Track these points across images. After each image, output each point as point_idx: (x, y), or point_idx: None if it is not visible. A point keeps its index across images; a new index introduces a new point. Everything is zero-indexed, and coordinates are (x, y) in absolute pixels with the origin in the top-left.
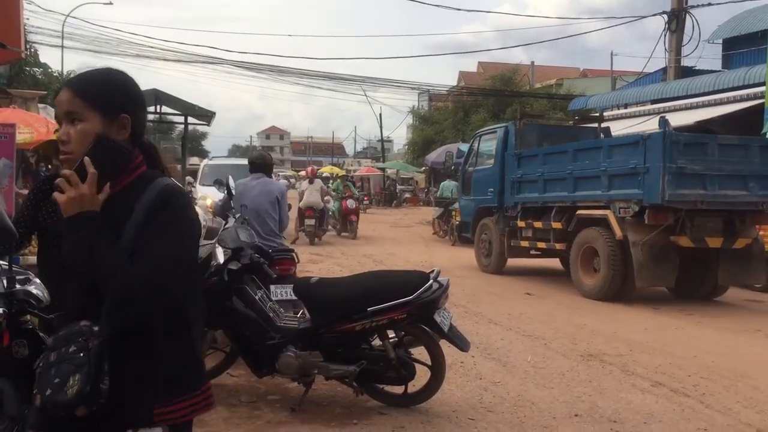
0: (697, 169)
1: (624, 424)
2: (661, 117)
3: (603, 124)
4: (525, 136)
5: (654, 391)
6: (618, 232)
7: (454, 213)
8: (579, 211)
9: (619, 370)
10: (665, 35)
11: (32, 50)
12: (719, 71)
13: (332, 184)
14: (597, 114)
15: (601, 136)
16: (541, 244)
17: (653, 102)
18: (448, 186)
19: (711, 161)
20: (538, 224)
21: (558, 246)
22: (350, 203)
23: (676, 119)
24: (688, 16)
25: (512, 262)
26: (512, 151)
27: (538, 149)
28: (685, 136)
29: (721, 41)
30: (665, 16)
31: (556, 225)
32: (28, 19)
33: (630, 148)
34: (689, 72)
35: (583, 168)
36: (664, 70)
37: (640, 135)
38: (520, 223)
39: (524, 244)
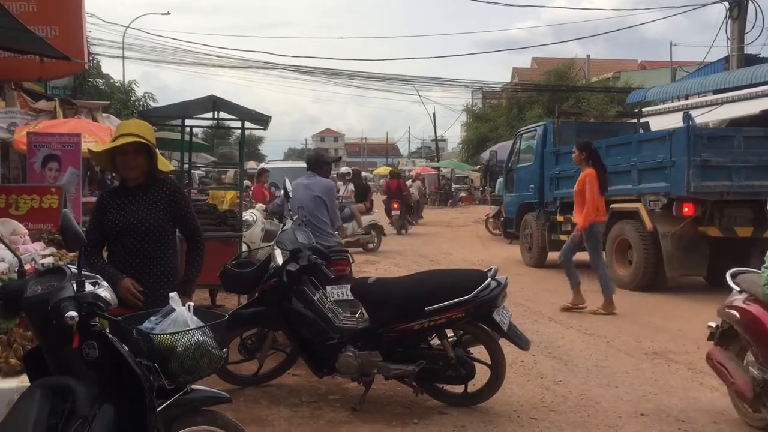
0: (722, 161)
1: (692, 423)
2: (684, 112)
3: (644, 119)
4: (563, 133)
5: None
6: (648, 224)
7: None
8: (612, 205)
9: (686, 368)
10: (727, 23)
11: (95, 62)
12: None
13: None
14: (637, 110)
15: (640, 131)
16: None
17: (715, 92)
18: (500, 183)
19: (736, 153)
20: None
21: None
22: None
23: (740, 109)
24: (750, 2)
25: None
26: (550, 148)
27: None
28: (709, 130)
29: None
30: (726, 3)
31: None
32: (90, 31)
33: (657, 143)
34: (753, 60)
35: (615, 163)
36: (727, 59)
37: (666, 130)
38: (559, 218)
39: (563, 238)
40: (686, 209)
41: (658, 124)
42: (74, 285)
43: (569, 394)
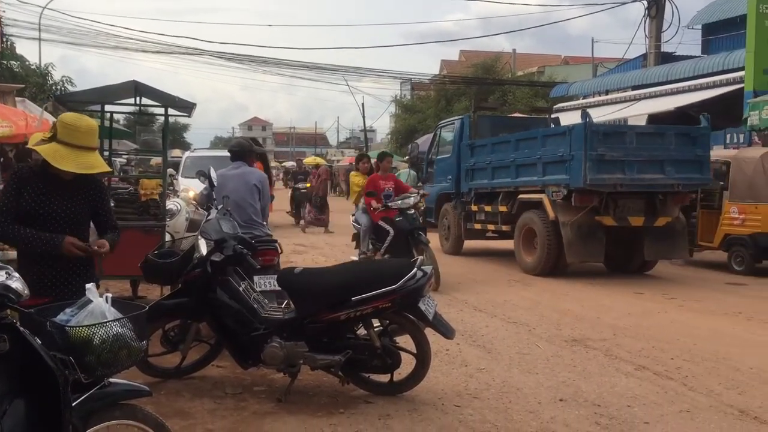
0: (616, 155)
1: (608, 407)
2: (582, 109)
3: (555, 114)
4: (480, 127)
5: (637, 374)
6: (551, 214)
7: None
8: (520, 196)
9: (603, 354)
10: (645, 21)
11: (9, 43)
12: (699, 57)
13: None
14: (548, 105)
15: (551, 127)
16: (491, 227)
17: (634, 88)
18: (404, 174)
19: (629, 149)
20: (488, 208)
21: (504, 228)
22: None
23: (657, 105)
24: (667, 2)
25: (494, 247)
26: (467, 141)
27: (487, 139)
28: (605, 127)
29: (700, 27)
30: (645, 2)
31: (502, 208)
32: (4, 11)
33: (559, 138)
34: (669, 58)
35: (523, 156)
36: (645, 56)
37: (566, 126)
38: (474, 208)
39: (477, 226)
40: (584, 200)
41: (575, 119)
42: None
43: (492, 381)
